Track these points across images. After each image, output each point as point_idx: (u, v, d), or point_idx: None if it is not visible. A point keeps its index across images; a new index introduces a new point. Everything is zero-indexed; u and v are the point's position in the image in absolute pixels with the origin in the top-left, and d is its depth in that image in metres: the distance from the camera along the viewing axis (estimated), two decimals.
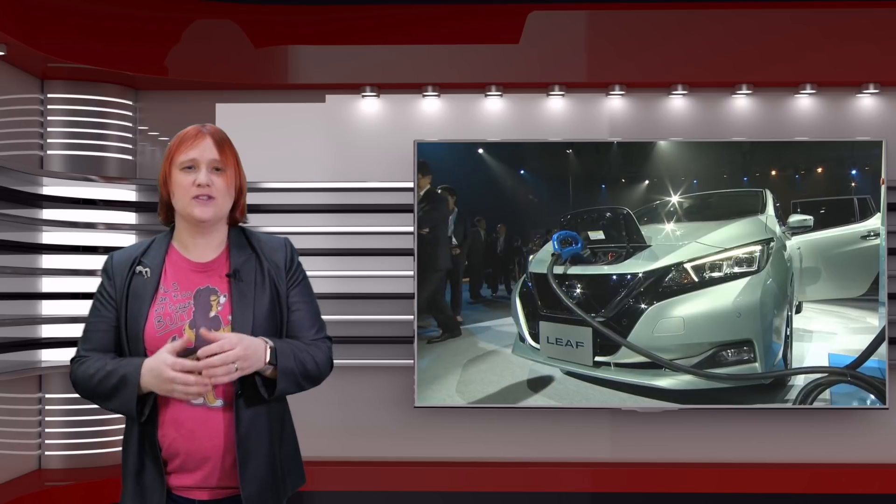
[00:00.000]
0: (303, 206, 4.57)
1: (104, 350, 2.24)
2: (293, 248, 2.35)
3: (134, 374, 2.11)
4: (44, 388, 4.47)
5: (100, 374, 2.17)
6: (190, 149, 2.20)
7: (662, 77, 4.53)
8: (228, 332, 2.16)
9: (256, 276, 2.24)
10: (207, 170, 2.19)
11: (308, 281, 2.37)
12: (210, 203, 2.19)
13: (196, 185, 2.18)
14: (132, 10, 4.40)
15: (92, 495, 4.22)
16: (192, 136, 2.21)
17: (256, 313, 2.19)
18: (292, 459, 2.34)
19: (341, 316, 4.47)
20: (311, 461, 4.37)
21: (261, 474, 2.19)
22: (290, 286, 2.30)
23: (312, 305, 2.35)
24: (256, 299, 2.21)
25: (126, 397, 2.13)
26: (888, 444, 4.57)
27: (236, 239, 2.30)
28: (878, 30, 4.47)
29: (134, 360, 2.16)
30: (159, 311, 2.19)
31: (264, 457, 2.20)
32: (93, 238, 4.46)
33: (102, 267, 2.30)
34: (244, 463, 2.17)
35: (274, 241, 2.34)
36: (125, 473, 2.22)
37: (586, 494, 4.53)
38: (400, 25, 4.56)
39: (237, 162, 2.27)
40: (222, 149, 2.22)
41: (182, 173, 2.20)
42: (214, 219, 2.23)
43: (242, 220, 2.34)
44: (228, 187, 2.23)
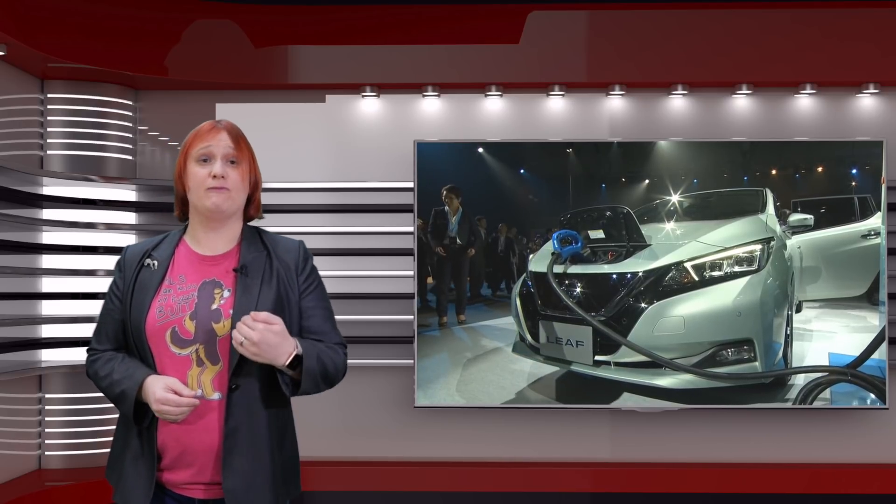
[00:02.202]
0: (303, 206, 4.57)
1: (115, 343, 2.27)
2: (307, 252, 2.34)
3: (132, 390, 2.14)
4: (44, 388, 4.46)
5: (106, 380, 2.22)
6: (205, 141, 2.21)
7: (662, 77, 4.53)
8: (228, 325, 2.16)
9: (264, 274, 2.23)
10: (223, 162, 2.21)
11: (323, 287, 2.35)
12: (224, 192, 2.20)
13: (211, 176, 2.19)
14: (132, 10, 4.40)
15: (92, 495, 4.21)
16: (208, 130, 2.23)
17: (259, 310, 2.17)
18: (291, 468, 2.30)
19: (341, 316, 4.39)
20: (311, 461, 4.39)
21: (247, 470, 2.16)
22: (304, 292, 2.29)
23: (328, 311, 2.33)
24: (261, 296, 2.20)
25: (126, 409, 2.17)
26: (888, 444, 4.57)
27: (249, 236, 2.31)
28: (878, 30, 4.47)
29: (136, 373, 2.17)
30: (162, 301, 2.19)
31: (255, 454, 2.17)
32: (93, 238, 4.46)
33: (117, 260, 2.33)
34: (229, 454, 2.14)
35: (288, 242, 2.33)
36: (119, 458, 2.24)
37: (586, 494, 4.53)
38: (400, 25, 4.56)
39: (252, 157, 2.28)
40: (238, 142, 2.24)
41: (197, 165, 2.21)
42: (229, 210, 2.23)
43: (258, 216, 2.34)
44: (243, 181, 2.24)
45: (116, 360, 2.23)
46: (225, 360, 2.17)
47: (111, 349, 2.28)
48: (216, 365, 2.18)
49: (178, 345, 2.17)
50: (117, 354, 2.26)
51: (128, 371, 2.19)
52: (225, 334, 2.17)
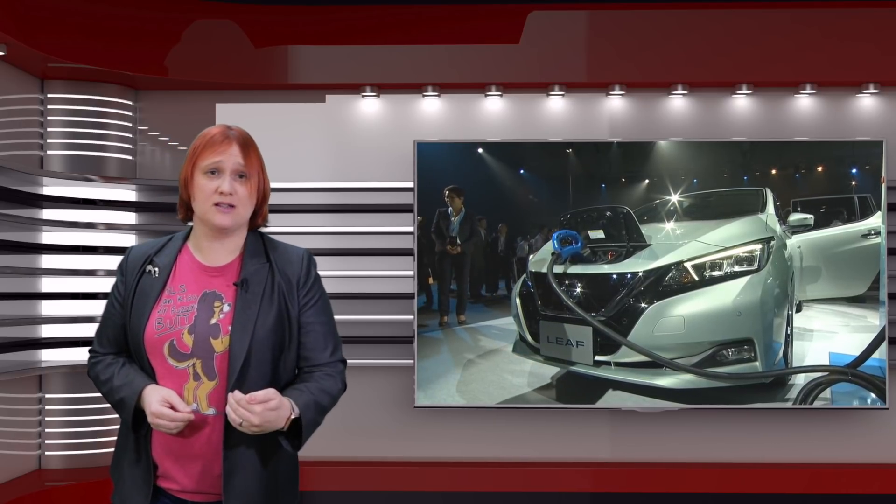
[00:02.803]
0: (303, 206, 4.57)
1: (117, 345, 2.25)
2: (311, 263, 2.27)
3: (131, 399, 2.13)
4: (44, 388, 4.46)
5: (106, 385, 2.20)
6: (215, 154, 2.14)
7: (662, 77, 4.53)
8: (226, 342, 2.13)
9: (266, 288, 2.18)
10: (231, 177, 2.15)
11: (326, 300, 2.29)
12: (231, 212, 2.16)
13: (219, 192, 2.14)
14: (132, 10, 4.40)
15: (92, 495, 4.21)
16: (219, 142, 2.15)
17: (258, 327, 2.14)
18: (288, 480, 2.28)
19: (341, 316, 4.38)
20: (311, 461, 4.39)
21: (248, 489, 2.15)
22: (304, 306, 2.23)
23: (328, 326, 2.27)
24: (261, 313, 2.15)
25: (125, 416, 2.16)
26: (888, 444, 4.57)
27: (253, 246, 2.24)
28: (878, 30, 4.47)
29: (136, 381, 2.15)
30: (161, 313, 2.16)
31: (254, 472, 2.15)
32: (93, 238, 4.46)
33: (119, 262, 2.28)
34: (230, 475, 2.13)
35: (291, 253, 2.27)
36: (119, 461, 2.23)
37: (586, 494, 4.53)
38: (400, 25, 4.56)
39: (261, 167, 2.22)
40: (248, 155, 2.17)
41: (205, 178, 2.15)
42: (234, 227, 2.19)
43: (263, 224, 2.29)
44: (251, 195, 2.18)
45: (117, 366, 2.21)
46: (222, 376, 2.13)
47: (112, 353, 2.26)
48: (212, 381, 2.14)
49: (176, 358, 2.14)
50: (118, 359, 2.23)
51: (127, 378, 2.17)
52: (223, 350, 2.13)
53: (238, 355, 2.11)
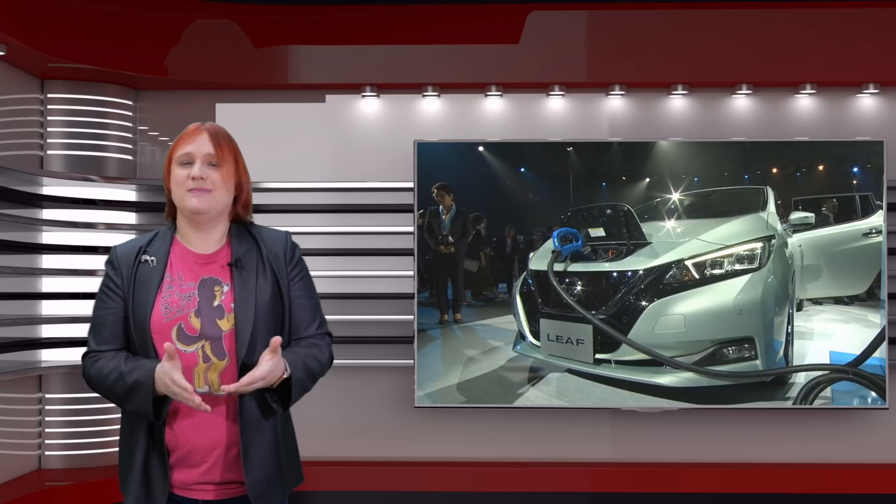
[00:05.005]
0: (303, 206, 4.57)
1: (116, 342, 2.24)
2: (293, 242, 2.37)
3: (147, 378, 2.12)
4: (44, 388, 4.46)
5: (114, 374, 2.17)
6: (186, 144, 2.23)
7: (662, 77, 4.53)
8: (232, 319, 2.19)
9: (258, 266, 2.27)
10: (202, 164, 2.22)
11: (309, 276, 2.39)
12: (204, 194, 2.21)
13: (191, 178, 2.20)
14: (132, 10, 4.40)
15: (92, 495, 4.21)
16: (191, 133, 2.26)
17: (259, 300, 2.22)
18: (293, 456, 2.35)
19: (341, 316, 4.46)
20: (311, 461, 4.37)
21: (266, 463, 2.21)
22: (291, 280, 2.32)
23: (313, 300, 2.37)
24: (258, 287, 2.24)
25: (142, 401, 2.14)
26: (888, 444, 4.57)
27: (237, 231, 2.33)
28: (878, 30, 4.47)
29: (146, 363, 2.15)
30: (166, 298, 2.20)
31: (269, 447, 2.22)
32: (93, 238, 4.45)
33: (107, 259, 2.31)
34: (247, 448, 2.18)
35: (274, 233, 2.36)
36: (128, 464, 2.22)
37: (586, 494, 4.53)
38: (400, 25, 4.57)
39: (236, 158, 2.29)
40: (218, 144, 2.24)
41: (179, 168, 2.23)
42: (211, 211, 2.24)
43: (247, 216, 2.35)
44: (225, 182, 2.24)
45: (121, 357, 2.21)
46: (232, 355, 2.19)
47: (113, 349, 2.24)
48: (223, 360, 2.19)
49: (185, 342, 2.18)
50: (120, 353, 2.23)
51: (137, 363, 2.18)
52: (230, 329, 2.20)
53: (245, 329, 2.19)
